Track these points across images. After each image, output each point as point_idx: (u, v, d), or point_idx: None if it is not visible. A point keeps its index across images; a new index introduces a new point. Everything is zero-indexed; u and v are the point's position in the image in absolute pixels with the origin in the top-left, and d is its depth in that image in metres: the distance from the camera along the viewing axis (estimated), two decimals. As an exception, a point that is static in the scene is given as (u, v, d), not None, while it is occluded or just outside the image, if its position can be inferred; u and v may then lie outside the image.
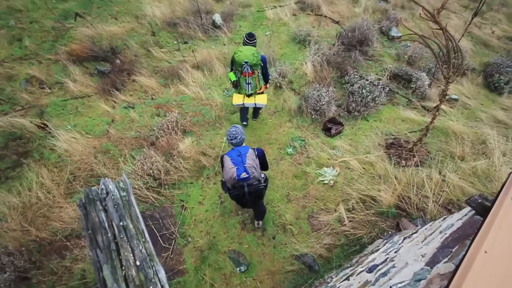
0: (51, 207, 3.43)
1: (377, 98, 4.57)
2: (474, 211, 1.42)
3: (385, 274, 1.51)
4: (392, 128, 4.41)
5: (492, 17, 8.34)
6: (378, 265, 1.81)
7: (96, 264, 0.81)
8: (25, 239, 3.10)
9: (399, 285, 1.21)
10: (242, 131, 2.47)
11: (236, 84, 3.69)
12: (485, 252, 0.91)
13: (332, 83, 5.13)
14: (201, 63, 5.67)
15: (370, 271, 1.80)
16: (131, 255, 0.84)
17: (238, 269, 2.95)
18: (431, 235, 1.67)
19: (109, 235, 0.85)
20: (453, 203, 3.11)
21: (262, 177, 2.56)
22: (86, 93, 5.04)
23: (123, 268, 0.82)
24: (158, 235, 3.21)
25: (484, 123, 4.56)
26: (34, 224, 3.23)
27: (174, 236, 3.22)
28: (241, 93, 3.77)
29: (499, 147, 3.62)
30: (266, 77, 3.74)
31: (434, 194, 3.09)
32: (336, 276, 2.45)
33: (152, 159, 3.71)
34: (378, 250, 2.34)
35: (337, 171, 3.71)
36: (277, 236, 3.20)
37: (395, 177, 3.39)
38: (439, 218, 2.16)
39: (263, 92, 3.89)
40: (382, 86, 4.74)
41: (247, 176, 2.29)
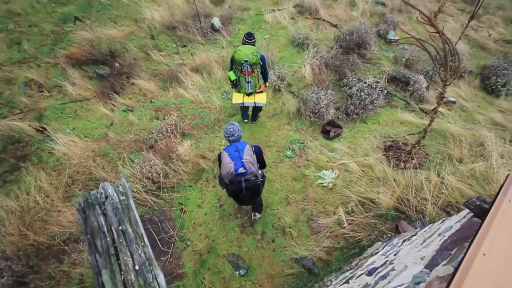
0: (49, 211, 3.41)
1: (375, 101, 4.59)
2: (472, 214, 1.43)
3: (384, 277, 1.51)
4: (390, 130, 4.43)
5: (489, 20, 8.42)
6: (377, 268, 1.80)
7: (95, 268, 0.81)
8: (22, 244, 3.08)
9: (399, 288, 1.21)
10: (239, 128, 2.52)
11: (236, 83, 3.72)
12: (484, 254, 0.91)
13: (331, 86, 5.16)
14: (200, 66, 5.69)
15: (370, 274, 1.79)
16: (130, 259, 0.84)
17: (238, 272, 2.93)
18: (430, 237, 1.67)
19: (108, 239, 0.85)
20: (452, 205, 3.11)
21: (260, 173, 2.58)
22: (85, 96, 5.04)
23: (122, 273, 0.82)
24: (157, 238, 3.20)
25: (482, 125, 4.58)
26: (32, 228, 3.21)
27: (173, 240, 3.20)
28: (240, 92, 3.81)
29: (496, 149, 3.64)
30: (265, 76, 3.78)
31: (433, 196, 3.09)
32: (335, 279, 2.44)
33: (151, 162, 3.70)
34: (377, 252, 2.34)
35: (336, 173, 3.71)
36: (277, 239, 3.19)
37: (394, 179, 3.40)
38: (438, 220, 2.17)
39: (263, 91, 3.93)
40: (380, 89, 4.76)
41: (244, 171, 2.32)
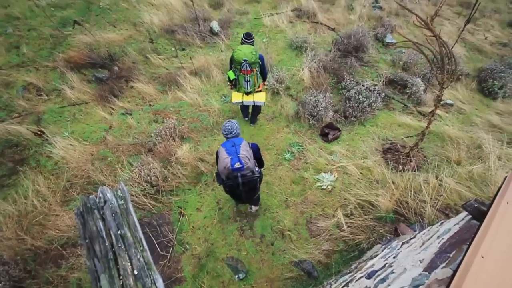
0: (47, 215, 3.39)
1: (373, 104, 4.62)
2: (470, 216, 1.43)
3: (384, 280, 1.51)
4: (388, 133, 4.44)
5: (485, 24, 8.51)
6: (377, 271, 1.80)
7: (93, 273, 0.81)
8: (20, 248, 3.06)
9: (398, 291, 1.21)
10: (237, 126, 2.56)
11: (235, 83, 3.75)
12: (482, 257, 0.91)
13: (329, 89, 5.18)
14: (199, 69, 5.71)
15: (369, 277, 1.79)
16: (129, 264, 0.84)
17: (237, 276, 2.92)
18: (428, 240, 1.67)
19: (107, 244, 0.84)
20: (450, 207, 3.12)
21: (257, 170, 2.60)
22: (83, 99, 5.04)
23: (121, 278, 0.81)
24: (155, 242, 3.18)
25: (479, 127, 4.61)
26: (30, 233, 3.19)
27: (172, 244, 3.19)
28: (240, 91, 3.84)
29: (494, 151, 3.66)
30: (264, 75, 3.82)
31: (431, 198, 3.10)
32: (335, 283, 2.43)
33: (149, 166, 3.70)
34: (376, 255, 2.33)
35: (335, 176, 3.72)
36: (276, 243, 3.18)
37: (392, 182, 3.41)
38: (436, 222, 2.17)
39: (261, 90, 3.96)
40: (378, 92, 4.79)
41: (241, 166, 2.34)
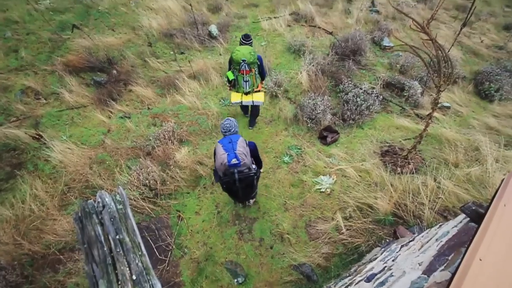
0: (45, 220, 3.37)
1: (371, 107, 4.64)
2: (468, 218, 1.44)
3: (383, 283, 1.51)
4: (386, 135, 4.46)
5: (481, 27, 8.60)
6: (376, 274, 1.80)
7: (91, 279, 0.80)
8: (17, 253, 3.03)
9: (397, 294, 1.21)
10: (235, 124, 2.61)
11: (234, 83, 3.80)
12: (480, 259, 0.92)
13: (327, 92, 5.21)
14: (197, 73, 5.72)
15: (369, 280, 1.79)
16: (127, 269, 0.84)
17: (236, 280, 2.90)
18: (427, 242, 1.67)
19: (105, 249, 0.84)
20: (449, 209, 3.13)
21: (254, 167, 2.62)
22: (82, 103, 5.03)
23: (119, 283, 0.81)
24: (154, 246, 3.16)
25: (476, 130, 4.63)
26: (27, 237, 3.17)
27: (170, 248, 3.17)
28: (239, 91, 3.89)
29: (491, 154, 3.68)
30: (262, 75, 3.88)
31: (430, 201, 3.11)
32: (334, 286, 2.42)
33: (148, 169, 3.69)
34: (376, 258, 2.33)
35: (333, 179, 3.72)
36: (275, 246, 3.17)
37: (391, 184, 3.41)
38: (435, 225, 2.17)
39: (260, 90, 4.00)
40: (376, 95, 4.82)
41: (237, 162, 2.37)
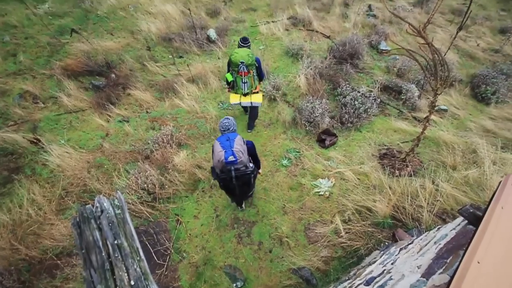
0: (42, 224, 3.34)
1: (369, 110, 4.67)
2: (466, 221, 1.44)
3: (382, 286, 1.51)
4: (384, 138, 4.48)
5: (477, 31, 8.69)
6: (375, 278, 1.80)
7: (90, 284, 0.80)
8: (14, 258, 3.01)
9: (396, 298, 1.21)
10: (234, 123, 2.68)
11: (233, 85, 3.89)
12: (478, 262, 0.92)
13: (325, 95, 5.24)
14: (196, 76, 5.74)
15: (368, 283, 1.78)
16: (126, 274, 0.83)
17: (235, 285, 2.88)
18: (426, 245, 1.68)
19: (103, 254, 0.84)
20: (447, 212, 3.13)
21: (251, 165, 2.64)
22: (80, 107, 5.03)
23: (117, 288, 0.81)
24: (152, 251, 3.14)
25: (474, 132, 4.66)
26: (24, 242, 3.14)
27: (169, 252, 3.15)
28: (237, 92, 3.97)
29: (489, 156, 3.70)
30: (260, 76, 3.96)
31: (428, 203, 3.11)
32: (334, 290, 2.42)
33: (146, 173, 3.68)
34: (375, 262, 2.33)
35: (332, 182, 3.72)
36: (274, 250, 3.16)
37: (389, 187, 3.42)
38: (434, 228, 2.18)
39: (258, 91, 4.08)
40: (374, 98, 4.85)
41: (234, 159, 2.41)
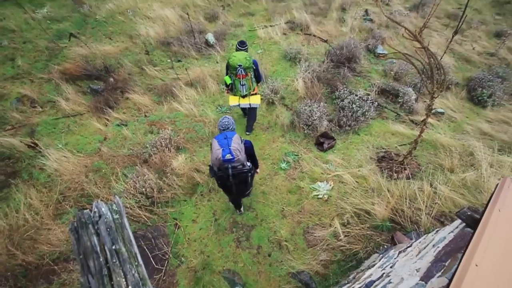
0: (39, 229, 3.31)
1: (366, 113, 4.69)
2: (464, 224, 1.45)
3: (381, 290, 1.51)
4: (382, 141, 4.50)
5: (472, 35, 8.79)
6: (374, 281, 1.79)
7: (87, 290, 0.80)
8: (10, 264, 2.97)
9: (395, 301, 1.20)
10: (233, 122, 2.75)
11: (232, 87, 3.95)
12: (476, 265, 0.92)
13: (323, 99, 5.27)
14: (194, 80, 5.76)
15: (367, 287, 1.78)
16: (124, 280, 0.83)
17: (234, 289, 2.86)
18: (424, 248, 1.68)
19: (101, 259, 0.83)
20: (446, 215, 3.14)
21: (248, 164, 2.67)
22: (78, 111, 5.02)
23: (115, 294, 0.80)
24: (150, 256, 3.12)
25: (470, 135, 4.69)
26: (21, 248, 3.11)
27: (167, 257, 3.13)
28: (236, 95, 4.03)
29: (486, 159, 3.72)
30: (258, 78, 4.02)
31: (426, 206, 3.12)
32: (333, 294, 2.40)
33: (144, 177, 3.66)
34: (374, 265, 2.32)
35: (330, 185, 3.73)
36: (273, 254, 3.15)
37: (387, 190, 3.42)
38: (432, 230, 2.18)
39: (257, 93, 4.14)
40: (371, 101, 4.88)
41: (231, 157, 2.44)
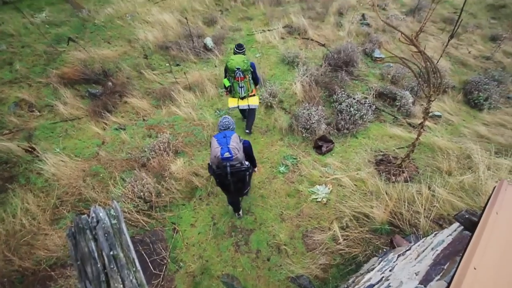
0: (36, 234, 3.28)
1: (364, 116, 4.72)
2: (463, 227, 1.45)
3: (380, 294, 1.50)
4: (380, 144, 4.52)
5: (468, 38, 8.90)
6: (374, 285, 1.79)
7: (84, 296, 0.79)
8: (7, 269, 2.93)
9: (395, 305, 1.20)
10: (233, 122, 2.86)
11: (231, 89, 4.03)
12: (474, 268, 0.93)
13: (321, 102, 5.29)
14: (192, 84, 5.77)
15: (366, 291, 1.77)
16: (121, 286, 0.82)
17: (232, 294, 2.84)
18: (423, 252, 1.68)
19: (99, 265, 0.82)
20: (444, 217, 3.14)
21: (246, 163, 2.70)
22: (76, 115, 5.01)
23: (113, 300, 0.79)
24: (148, 261, 3.09)
25: (468, 138, 4.72)
26: (17, 253, 3.07)
27: (165, 262, 3.10)
28: (235, 97, 4.11)
29: (483, 161, 3.74)
30: (256, 80, 4.10)
31: (425, 209, 3.12)
32: (333, 298, 2.39)
33: (143, 181, 3.65)
34: (373, 269, 2.32)
35: (329, 188, 3.73)
36: (272, 258, 3.13)
37: (386, 193, 3.43)
38: (431, 233, 2.18)
39: (255, 94, 4.21)
40: (369, 104, 4.91)
41: (230, 156, 2.49)
